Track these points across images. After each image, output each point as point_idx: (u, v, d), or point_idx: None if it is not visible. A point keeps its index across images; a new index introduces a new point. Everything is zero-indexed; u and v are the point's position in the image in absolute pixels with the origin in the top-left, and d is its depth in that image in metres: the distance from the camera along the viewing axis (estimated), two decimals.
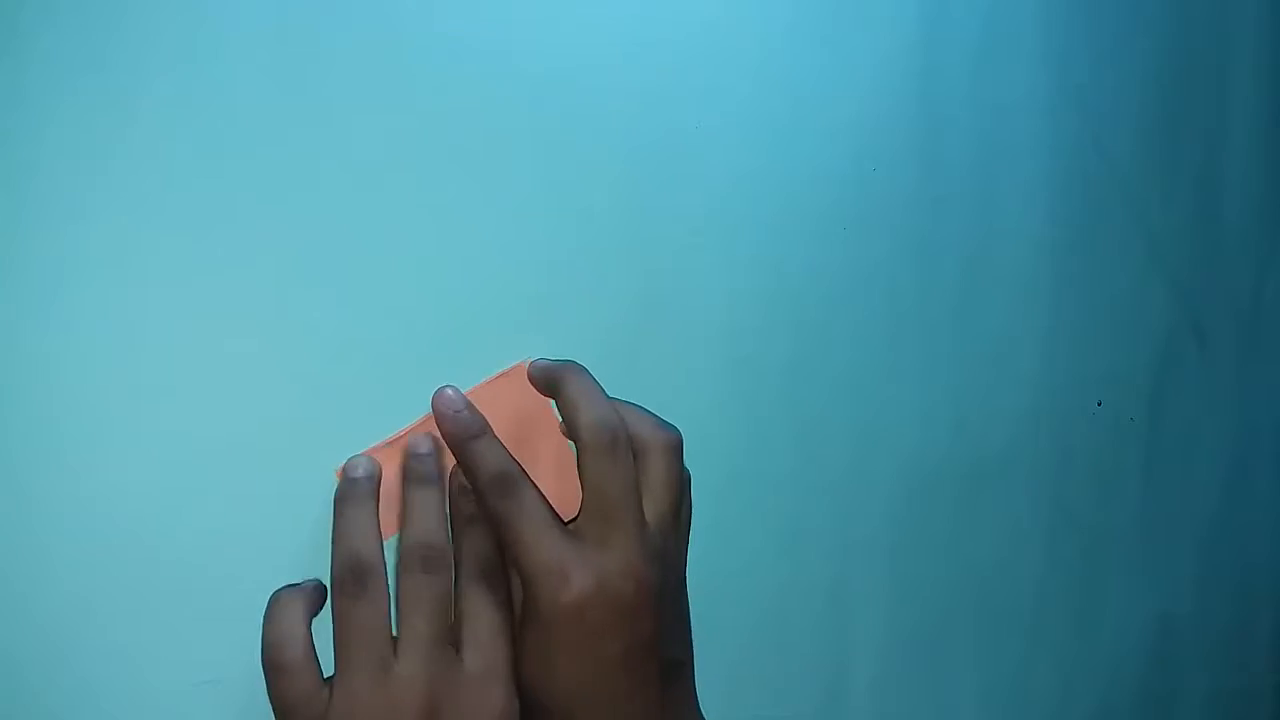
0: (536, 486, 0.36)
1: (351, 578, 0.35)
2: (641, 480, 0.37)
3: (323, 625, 0.36)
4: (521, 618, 0.36)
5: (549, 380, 0.40)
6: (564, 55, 0.42)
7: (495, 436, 0.37)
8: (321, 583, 0.37)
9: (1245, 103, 0.69)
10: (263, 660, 0.35)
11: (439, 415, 0.38)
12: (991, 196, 0.55)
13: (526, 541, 0.35)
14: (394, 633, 0.36)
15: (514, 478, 0.36)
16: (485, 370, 0.41)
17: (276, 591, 0.37)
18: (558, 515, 0.36)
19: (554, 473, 0.39)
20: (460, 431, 0.37)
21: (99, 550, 0.36)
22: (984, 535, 0.56)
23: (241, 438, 0.37)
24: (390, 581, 0.36)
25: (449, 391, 0.38)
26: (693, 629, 0.41)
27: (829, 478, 0.50)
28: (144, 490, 0.36)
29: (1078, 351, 0.60)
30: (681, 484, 0.39)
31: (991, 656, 0.57)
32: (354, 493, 0.37)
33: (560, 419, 0.40)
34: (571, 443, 0.38)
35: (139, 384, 0.36)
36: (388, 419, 0.39)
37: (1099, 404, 0.62)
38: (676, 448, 0.38)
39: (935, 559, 0.54)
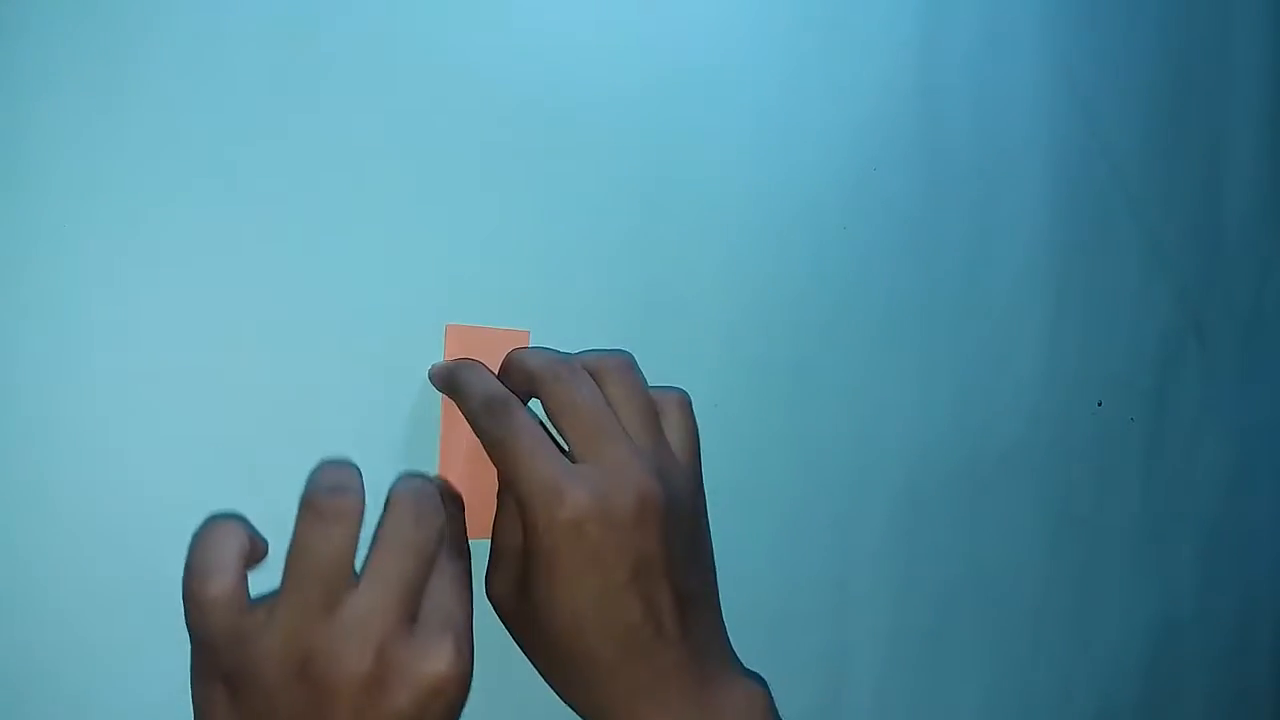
0: (528, 410, 0.35)
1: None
2: (610, 403, 0.35)
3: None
4: (522, 548, 0.34)
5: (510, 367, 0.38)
6: (566, 56, 0.43)
7: (484, 367, 0.37)
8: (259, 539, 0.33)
9: (1247, 104, 0.69)
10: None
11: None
12: (991, 196, 0.55)
13: (519, 460, 0.33)
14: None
15: (504, 400, 0.35)
16: None
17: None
18: (551, 438, 0.34)
19: None
20: (451, 366, 0.38)
21: (99, 551, 0.36)
22: (985, 535, 0.56)
23: (244, 437, 0.38)
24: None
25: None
26: None
27: (830, 478, 0.50)
28: (143, 490, 0.36)
29: (1078, 351, 0.60)
30: (647, 400, 0.36)
31: (993, 656, 0.57)
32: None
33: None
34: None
35: (139, 384, 0.36)
36: (388, 419, 0.39)
37: (1099, 404, 0.62)
38: (628, 365, 0.36)
39: (936, 559, 0.54)
